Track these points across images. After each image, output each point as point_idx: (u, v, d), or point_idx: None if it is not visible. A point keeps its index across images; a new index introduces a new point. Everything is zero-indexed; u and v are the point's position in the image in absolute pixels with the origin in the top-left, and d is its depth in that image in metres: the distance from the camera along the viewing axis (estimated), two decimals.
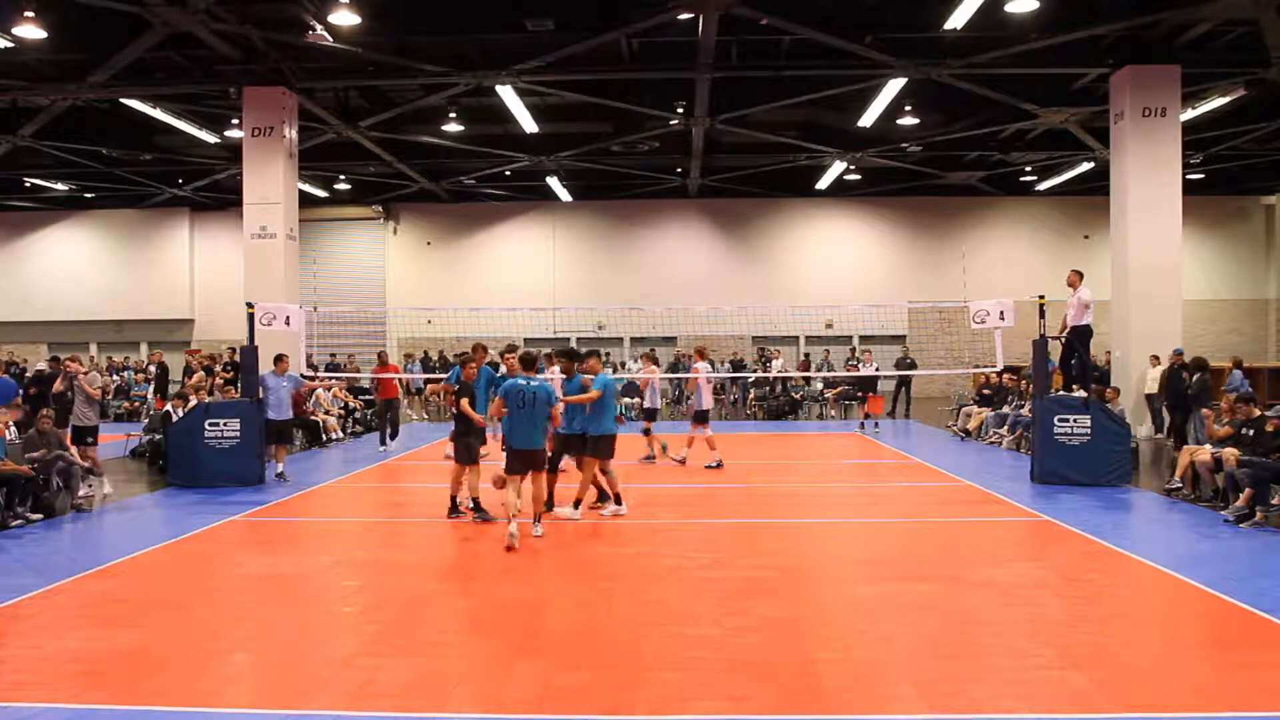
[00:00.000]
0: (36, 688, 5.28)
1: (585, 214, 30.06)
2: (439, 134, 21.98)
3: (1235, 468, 9.78)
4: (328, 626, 6.53)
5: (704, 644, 5.93)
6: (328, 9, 14.74)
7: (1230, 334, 28.50)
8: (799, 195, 28.89)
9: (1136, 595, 7.35)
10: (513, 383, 9.15)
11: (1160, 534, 9.64)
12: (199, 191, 28.10)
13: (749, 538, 9.34)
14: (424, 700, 5.08)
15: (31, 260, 30.52)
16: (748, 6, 14.70)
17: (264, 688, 5.44)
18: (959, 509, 11.02)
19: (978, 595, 7.13)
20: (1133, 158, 17.06)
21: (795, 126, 23.12)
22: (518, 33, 16.59)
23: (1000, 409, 17.54)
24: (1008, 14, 14.85)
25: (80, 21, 15.57)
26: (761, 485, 12.93)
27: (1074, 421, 12.16)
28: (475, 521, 9.89)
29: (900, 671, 5.50)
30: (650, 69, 18.40)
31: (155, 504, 11.54)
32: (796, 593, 7.30)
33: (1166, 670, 5.57)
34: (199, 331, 30.08)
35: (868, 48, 16.41)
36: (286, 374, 13.31)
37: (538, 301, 27.87)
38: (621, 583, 7.62)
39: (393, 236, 30.53)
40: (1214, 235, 28.99)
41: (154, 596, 7.30)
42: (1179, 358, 15.59)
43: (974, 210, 29.60)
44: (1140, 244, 17.06)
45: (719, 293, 27.92)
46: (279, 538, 9.92)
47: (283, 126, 18.17)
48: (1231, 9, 14.97)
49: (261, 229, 18.36)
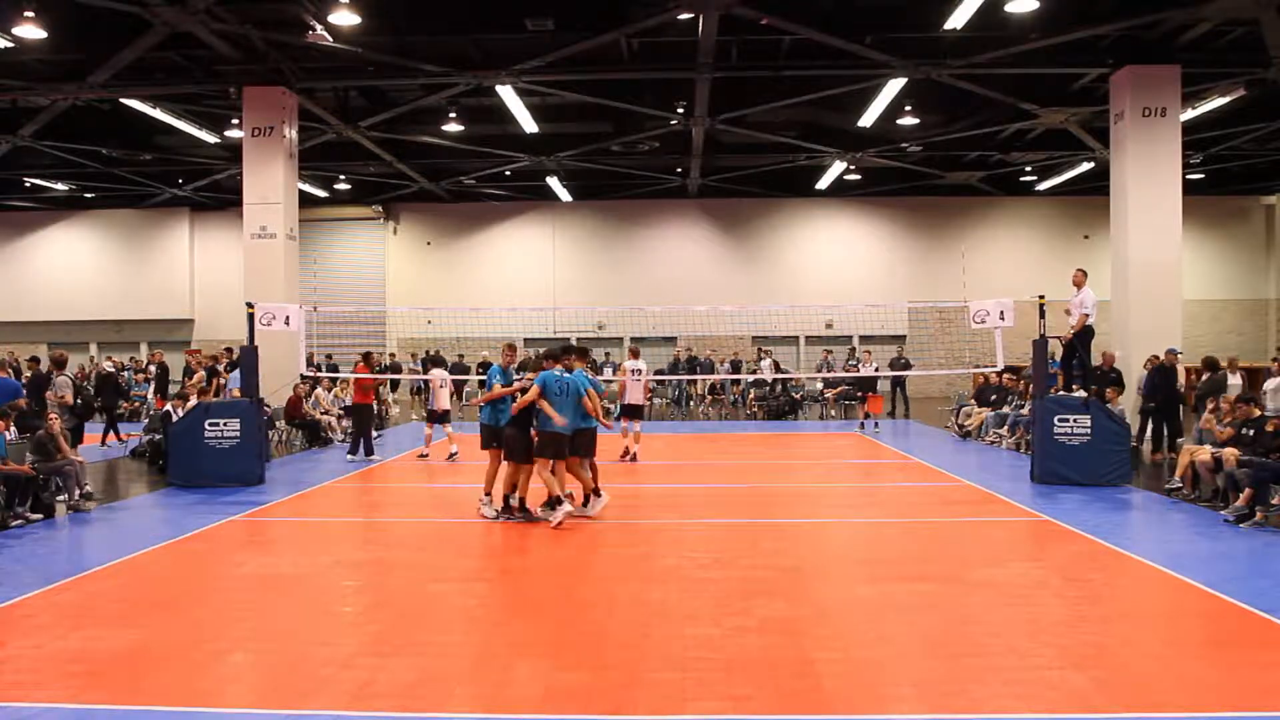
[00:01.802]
0: (36, 688, 5.27)
1: (585, 214, 30.06)
2: (439, 134, 21.98)
3: (1235, 468, 9.78)
4: (327, 626, 6.53)
5: (704, 644, 5.93)
6: (328, 9, 14.74)
7: (1230, 334, 28.50)
8: (799, 195, 28.90)
9: (1136, 595, 7.35)
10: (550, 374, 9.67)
11: (1160, 534, 9.63)
12: (199, 191, 28.10)
13: (749, 538, 9.34)
14: (424, 700, 5.08)
15: (31, 260, 30.53)
16: (748, 6, 14.70)
17: (264, 688, 5.44)
18: (959, 509, 11.02)
19: (978, 595, 7.13)
20: (1133, 158, 17.04)
21: (795, 126, 23.12)
22: (518, 33, 16.59)
23: (1000, 409, 17.54)
24: (1008, 14, 14.85)
25: (80, 21, 15.56)
26: (761, 485, 12.92)
27: (1074, 421, 12.16)
28: (520, 522, 9.85)
29: (900, 671, 5.50)
30: (650, 69, 18.39)
31: (155, 504, 11.54)
32: (796, 593, 7.30)
33: (1166, 670, 5.57)
34: (199, 331, 30.07)
35: (868, 48, 16.41)
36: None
37: (538, 301, 27.88)
38: (622, 583, 7.63)
39: (393, 236, 30.54)
40: (1214, 235, 28.99)
41: (154, 596, 7.30)
42: (1172, 357, 15.14)
43: (974, 210, 29.60)
44: (1140, 244, 17.04)
45: (719, 293, 27.92)
46: (279, 538, 9.93)
47: (283, 126, 18.17)
48: (1231, 9, 14.96)
49: (261, 229, 18.36)
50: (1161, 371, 14.86)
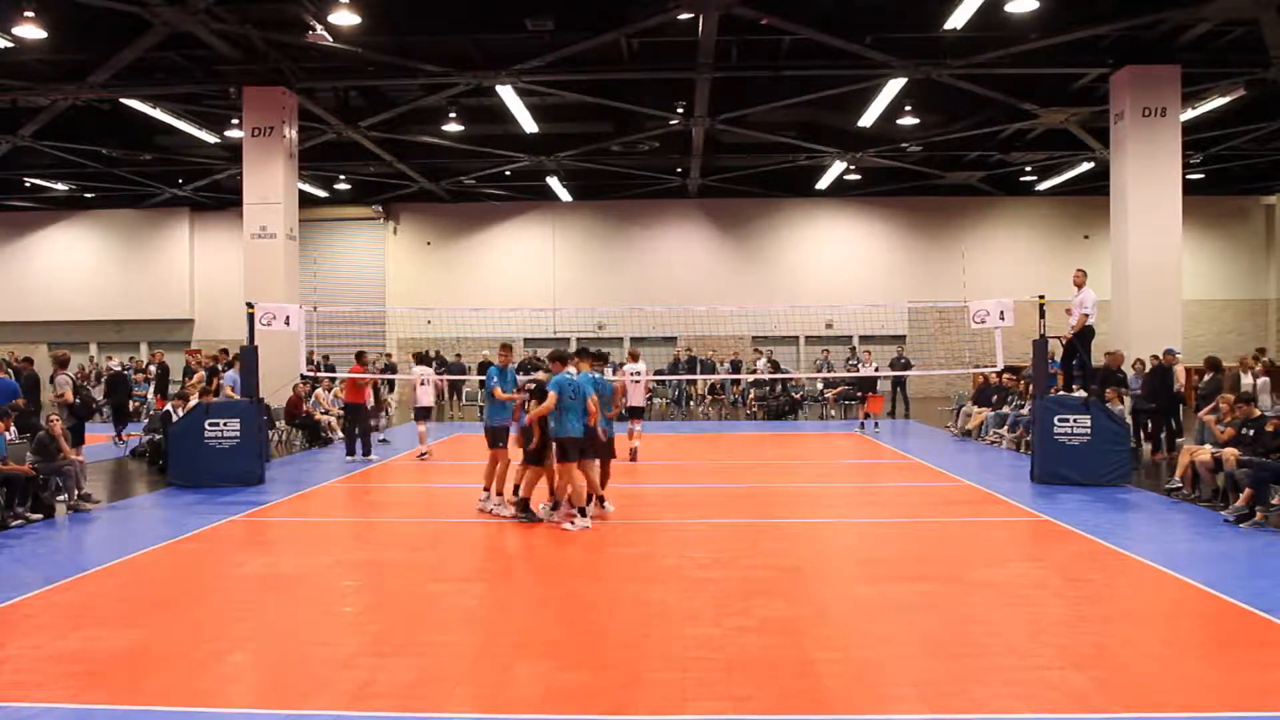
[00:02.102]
0: (36, 688, 5.27)
1: (585, 214, 30.06)
2: (439, 134, 21.98)
3: (1235, 468, 9.78)
4: (327, 626, 6.53)
5: (704, 644, 5.93)
6: (328, 9, 14.74)
7: (1230, 334, 28.50)
8: (799, 195, 28.90)
9: (1136, 595, 7.35)
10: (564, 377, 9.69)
11: (1160, 534, 9.62)
12: (199, 191, 28.11)
13: (749, 538, 9.33)
14: (424, 700, 5.08)
15: (31, 260, 30.53)
16: (748, 6, 14.70)
17: (264, 688, 5.44)
18: (959, 509, 11.02)
19: (978, 595, 7.13)
20: (1133, 158, 17.05)
21: (795, 126, 23.11)
22: (518, 33, 16.58)
23: (1000, 409, 17.54)
24: (1007, 14, 14.85)
25: (80, 21, 15.57)
26: (762, 485, 12.92)
27: (1074, 421, 12.16)
28: (525, 523, 9.85)
29: (900, 671, 5.50)
30: (650, 69, 18.39)
31: (155, 504, 11.54)
32: (796, 593, 7.30)
33: (1166, 670, 5.57)
34: (199, 331, 30.07)
35: (868, 48, 16.41)
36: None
37: (538, 301, 27.88)
38: (622, 583, 7.63)
39: (393, 236, 30.54)
40: (1214, 235, 28.99)
41: (154, 596, 7.30)
42: (1170, 358, 15.09)
43: (974, 210, 29.60)
44: (1140, 244, 17.05)
45: (719, 293, 27.91)
46: (279, 538, 9.93)
47: (283, 126, 18.17)
48: (1231, 9, 14.97)
49: (261, 229, 18.36)
50: (1159, 372, 14.82)
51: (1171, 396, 14.77)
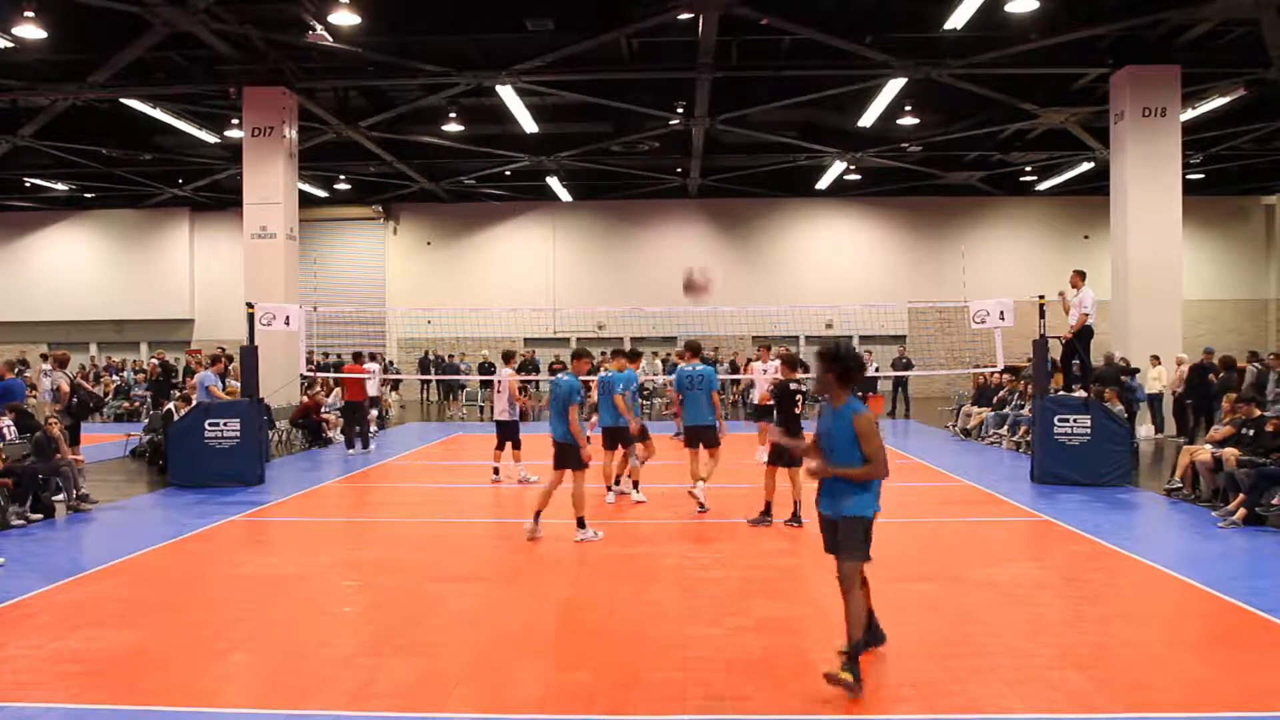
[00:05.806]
0: (36, 688, 5.27)
1: (585, 214, 30.06)
2: (439, 134, 21.98)
3: (1235, 468, 9.77)
4: (327, 626, 6.52)
5: (704, 644, 5.93)
6: (328, 9, 14.74)
7: (1230, 334, 28.50)
8: (799, 195, 28.90)
9: (1136, 595, 7.34)
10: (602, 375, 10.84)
11: (1160, 534, 9.63)
12: (199, 191, 28.11)
13: (749, 538, 9.33)
14: (424, 700, 5.08)
15: (31, 260, 30.55)
16: (748, 6, 14.70)
17: (264, 688, 5.44)
18: (959, 509, 11.01)
19: (978, 595, 7.13)
20: (1133, 158, 17.05)
21: (795, 126, 23.12)
22: (518, 33, 16.60)
23: (1001, 409, 17.53)
24: (1007, 14, 14.86)
25: (80, 21, 15.57)
26: (761, 485, 12.86)
27: (1074, 421, 12.16)
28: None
29: (900, 671, 5.50)
30: (650, 69, 18.40)
31: (155, 504, 11.54)
32: (796, 593, 7.30)
33: (1166, 670, 5.57)
34: (199, 331, 30.08)
35: (868, 48, 16.42)
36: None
37: (538, 301, 27.88)
38: (622, 582, 7.62)
39: (392, 236, 30.55)
40: (1214, 235, 29.00)
41: (154, 596, 7.30)
42: (1208, 356, 15.86)
43: (974, 210, 29.61)
44: (1140, 244, 17.05)
45: (719, 293, 27.57)
46: (279, 538, 9.93)
47: (283, 126, 18.17)
48: (1231, 9, 14.98)
49: (261, 229, 18.36)
50: (1199, 370, 15.61)
51: (1208, 392, 15.38)
